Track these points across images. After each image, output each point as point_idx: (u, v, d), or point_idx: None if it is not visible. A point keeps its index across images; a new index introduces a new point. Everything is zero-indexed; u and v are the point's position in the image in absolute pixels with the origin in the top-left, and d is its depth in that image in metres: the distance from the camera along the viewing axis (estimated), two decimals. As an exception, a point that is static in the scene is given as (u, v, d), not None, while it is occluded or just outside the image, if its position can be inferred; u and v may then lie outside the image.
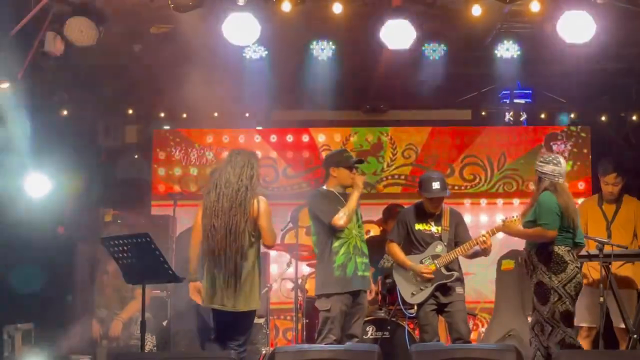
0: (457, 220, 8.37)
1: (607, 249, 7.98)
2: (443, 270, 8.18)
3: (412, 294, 8.19)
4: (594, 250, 7.94)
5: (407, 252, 8.27)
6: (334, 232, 7.85)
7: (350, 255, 7.83)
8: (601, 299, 7.82)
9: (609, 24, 8.54)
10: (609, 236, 8.58)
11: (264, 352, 9.19)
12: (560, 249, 7.36)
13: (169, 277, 7.37)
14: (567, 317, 7.38)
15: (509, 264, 9.83)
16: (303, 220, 10.22)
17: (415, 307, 8.29)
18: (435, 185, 8.20)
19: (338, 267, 7.80)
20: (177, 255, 9.60)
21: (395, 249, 8.29)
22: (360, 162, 8.27)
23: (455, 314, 8.16)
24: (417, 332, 8.49)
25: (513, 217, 7.83)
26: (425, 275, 8.10)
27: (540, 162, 7.54)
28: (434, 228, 8.27)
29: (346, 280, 7.81)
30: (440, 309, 8.19)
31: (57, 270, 9.20)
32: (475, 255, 8.33)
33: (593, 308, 8.26)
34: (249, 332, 7.56)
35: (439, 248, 8.22)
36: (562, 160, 7.57)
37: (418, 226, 8.25)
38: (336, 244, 7.86)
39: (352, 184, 7.93)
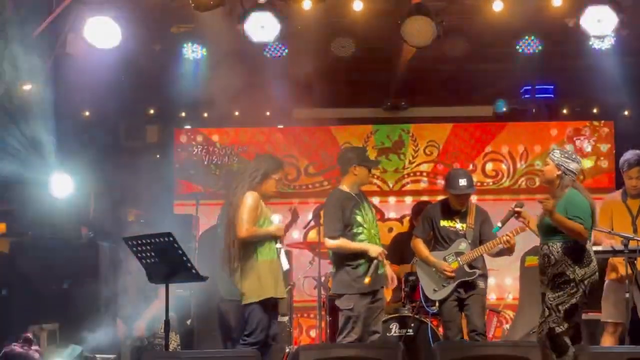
0: (483, 218, 8.35)
1: (632, 244, 7.93)
2: (466, 267, 8.16)
3: (434, 290, 8.18)
4: (619, 246, 7.87)
5: (432, 248, 8.26)
6: (350, 235, 7.83)
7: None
8: (626, 295, 7.77)
9: (631, 18, 8.51)
10: (635, 231, 8.50)
11: (287, 350, 9.19)
12: (588, 245, 7.33)
13: (192, 276, 7.38)
14: (573, 311, 7.31)
15: (532, 260, 9.76)
16: (325, 219, 10.25)
17: (437, 304, 8.29)
18: (462, 182, 8.19)
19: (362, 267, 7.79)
20: (200, 254, 9.60)
21: (420, 244, 8.28)
22: (378, 164, 8.34)
23: (472, 307, 8.15)
24: (440, 329, 8.47)
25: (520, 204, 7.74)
26: (447, 273, 8.09)
27: (566, 157, 7.46)
28: (459, 225, 8.26)
29: (377, 279, 7.81)
30: (461, 304, 8.18)
31: (81, 270, 9.22)
32: (499, 253, 8.31)
33: (619, 304, 8.20)
34: (251, 325, 7.53)
35: (463, 245, 8.21)
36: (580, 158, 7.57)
37: (443, 222, 8.23)
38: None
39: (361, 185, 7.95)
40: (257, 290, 7.51)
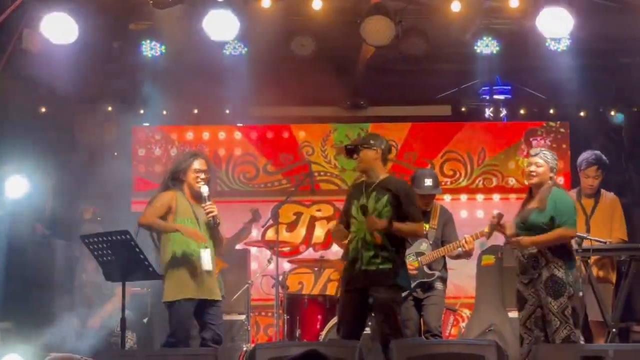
0: (446, 219, 8.38)
1: (586, 244, 8.02)
2: (426, 268, 8.19)
3: None
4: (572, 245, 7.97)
5: None
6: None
7: (358, 250, 7.51)
8: (580, 293, 7.85)
9: (587, 20, 8.59)
10: (588, 230, 8.62)
11: (244, 348, 9.19)
12: (573, 245, 7.44)
13: (150, 274, 7.36)
14: (575, 315, 7.39)
15: (489, 259, 9.85)
16: (283, 217, 10.26)
17: None
18: (428, 182, 8.23)
19: (349, 263, 7.62)
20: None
21: None
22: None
23: (428, 307, 8.18)
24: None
25: (494, 213, 7.80)
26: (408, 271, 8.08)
27: (554, 158, 7.50)
28: None
29: (351, 276, 7.69)
30: (418, 305, 8.20)
31: (36, 269, 9.16)
32: (458, 256, 8.37)
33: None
34: (172, 325, 7.52)
35: (424, 246, 8.23)
36: None
37: None
38: (349, 238, 7.64)
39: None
40: (174, 290, 7.48)
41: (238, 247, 10.24)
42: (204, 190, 7.55)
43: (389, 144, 7.78)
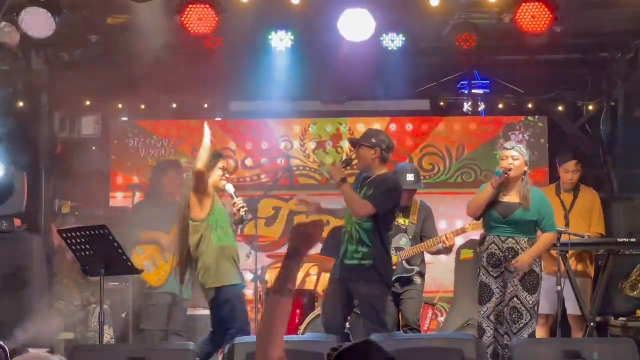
0: (426, 215, 8.42)
1: (565, 238, 8.05)
2: (405, 264, 8.20)
3: None
4: (551, 239, 7.99)
5: None
6: None
7: (345, 243, 7.65)
8: (558, 288, 7.89)
9: (565, 15, 8.62)
10: (567, 225, 8.66)
11: (224, 343, 9.17)
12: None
13: (128, 269, 7.35)
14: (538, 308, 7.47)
15: (467, 254, 9.89)
16: (262, 212, 10.24)
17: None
18: (410, 177, 8.27)
19: (339, 255, 7.72)
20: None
21: None
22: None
23: (406, 302, 8.24)
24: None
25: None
26: None
27: (528, 152, 7.55)
28: (401, 220, 8.30)
29: (336, 268, 7.76)
30: (397, 299, 8.22)
31: (14, 263, 9.10)
32: (438, 252, 8.39)
33: (550, 296, 8.34)
34: (230, 313, 7.64)
35: (404, 241, 8.25)
36: None
37: None
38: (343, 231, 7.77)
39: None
40: (231, 275, 7.71)
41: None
42: (229, 188, 7.78)
43: (391, 143, 7.84)
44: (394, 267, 8.09)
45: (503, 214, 7.46)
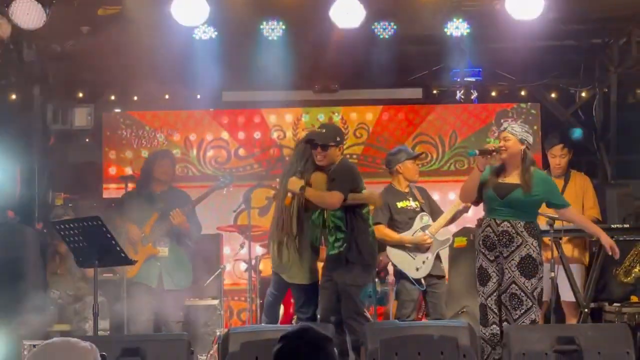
0: (426, 195, 8.69)
1: (558, 224, 8.05)
2: (437, 236, 8.36)
3: (417, 269, 8.31)
4: (544, 226, 7.98)
5: None
6: None
7: (327, 237, 7.90)
8: (552, 274, 7.88)
9: (556, 1, 8.62)
10: (559, 210, 8.65)
11: (218, 333, 9.18)
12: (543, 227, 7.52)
13: (121, 259, 7.34)
14: (541, 295, 7.43)
15: (461, 241, 9.88)
16: (255, 201, 10.24)
17: (423, 281, 8.43)
18: (409, 149, 8.67)
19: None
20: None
21: (387, 229, 8.35)
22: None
23: (440, 296, 8.38)
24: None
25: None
26: (428, 241, 8.30)
27: (526, 131, 7.46)
28: (412, 203, 8.44)
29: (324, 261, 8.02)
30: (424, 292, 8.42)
31: (7, 254, 9.09)
32: (454, 218, 8.55)
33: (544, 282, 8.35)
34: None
35: (425, 219, 8.43)
36: None
37: (400, 204, 8.39)
38: None
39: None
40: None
41: (210, 232, 10.19)
42: None
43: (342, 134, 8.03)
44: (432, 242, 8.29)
45: (500, 194, 7.36)
